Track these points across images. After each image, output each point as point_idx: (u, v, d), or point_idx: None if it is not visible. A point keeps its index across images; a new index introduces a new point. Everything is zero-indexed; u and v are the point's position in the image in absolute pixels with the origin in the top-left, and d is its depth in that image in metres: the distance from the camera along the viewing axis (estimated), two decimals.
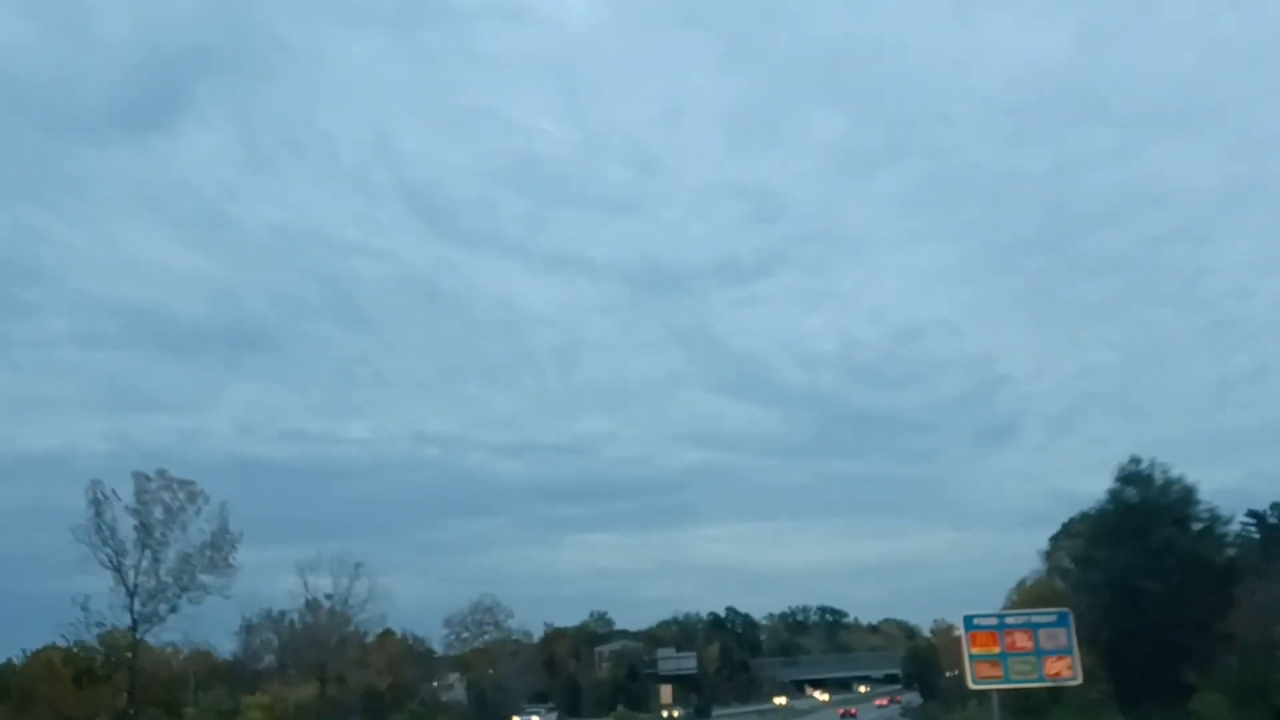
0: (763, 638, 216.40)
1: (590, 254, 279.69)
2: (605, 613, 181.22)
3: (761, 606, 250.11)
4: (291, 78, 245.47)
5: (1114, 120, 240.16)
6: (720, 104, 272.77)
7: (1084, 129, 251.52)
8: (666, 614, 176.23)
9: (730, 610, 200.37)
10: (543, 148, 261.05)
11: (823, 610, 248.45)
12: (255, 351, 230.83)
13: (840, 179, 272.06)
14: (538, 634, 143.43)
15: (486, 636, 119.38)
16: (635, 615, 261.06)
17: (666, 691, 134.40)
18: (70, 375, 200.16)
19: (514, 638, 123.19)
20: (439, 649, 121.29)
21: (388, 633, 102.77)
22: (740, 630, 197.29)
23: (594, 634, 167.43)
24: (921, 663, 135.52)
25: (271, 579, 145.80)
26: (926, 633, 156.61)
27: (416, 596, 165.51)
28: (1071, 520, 69.96)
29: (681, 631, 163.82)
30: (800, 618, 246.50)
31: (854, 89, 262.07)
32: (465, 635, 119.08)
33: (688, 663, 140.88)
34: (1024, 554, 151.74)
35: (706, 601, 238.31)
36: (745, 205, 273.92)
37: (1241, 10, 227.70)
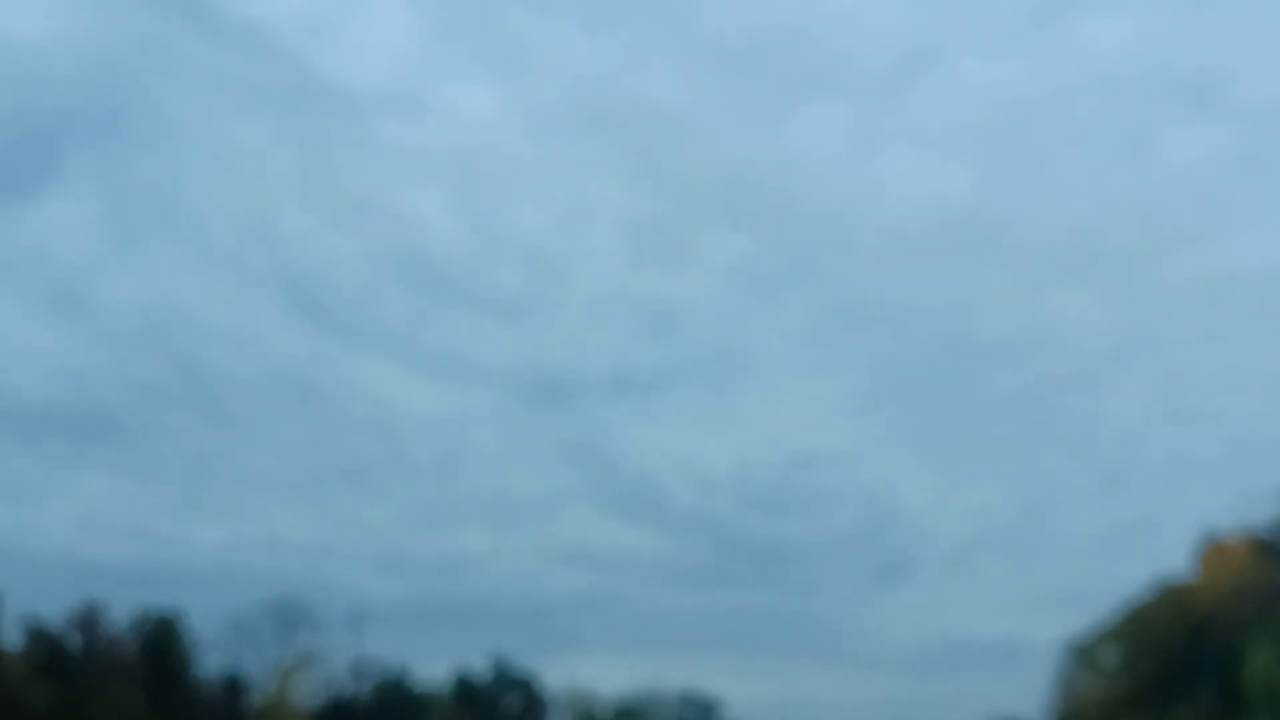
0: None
1: (477, 358, 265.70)
2: None
3: None
4: (171, 152, 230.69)
5: (1011, 262, 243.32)
6: (623, 214, 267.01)
7: (982, 268, 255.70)
8: None
9: (499, 669, 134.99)
10: (434, 244, 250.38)
11: (686, 699, 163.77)
12: (105, 441, 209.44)
13: (742, 300, 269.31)
14: None
15: None
16: None
17: None
18: None
19: None
20: None
21: None
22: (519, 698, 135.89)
23: None
24: None
25: None
26: None
27: None
28: None
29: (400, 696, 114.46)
30: (647, 707, 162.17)
31: (758, 212, 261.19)
32: None
33: None
34: (918, 699, 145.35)
35: None
36: (643, 319, 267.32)
37: (1135, 166, 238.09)
